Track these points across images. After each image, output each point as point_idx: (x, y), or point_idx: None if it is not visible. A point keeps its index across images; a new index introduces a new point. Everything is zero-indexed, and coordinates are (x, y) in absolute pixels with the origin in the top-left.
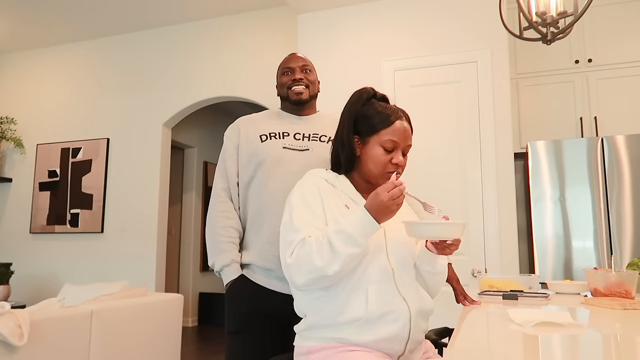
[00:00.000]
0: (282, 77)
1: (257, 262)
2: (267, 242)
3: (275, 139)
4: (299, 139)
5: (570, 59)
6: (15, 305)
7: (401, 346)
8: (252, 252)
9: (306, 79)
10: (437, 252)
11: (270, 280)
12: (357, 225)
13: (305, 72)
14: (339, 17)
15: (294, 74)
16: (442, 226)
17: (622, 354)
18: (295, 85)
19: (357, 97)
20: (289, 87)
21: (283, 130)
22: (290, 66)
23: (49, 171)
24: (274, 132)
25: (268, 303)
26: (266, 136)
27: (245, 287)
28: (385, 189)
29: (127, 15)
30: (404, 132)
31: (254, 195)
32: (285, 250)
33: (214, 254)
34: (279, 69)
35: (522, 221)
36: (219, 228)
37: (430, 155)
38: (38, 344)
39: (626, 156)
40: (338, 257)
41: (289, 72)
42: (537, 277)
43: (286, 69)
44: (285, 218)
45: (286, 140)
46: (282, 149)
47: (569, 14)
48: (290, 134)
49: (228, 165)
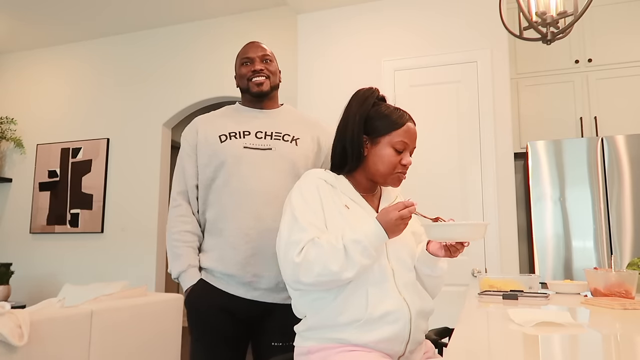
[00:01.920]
0: (241, 68)
1: (217, 267)
2: (230, 247)
3: (235, 139)
4: (261, 137)
5: (570, 59)
6: (15, 305)
7: (401, 346)
8: (212, 256)
9: (267, 70)
10: (445, 254)
11: (231, 286)
12: (372, 238)
13: (266, 62)
14: (339, 17)
15: (254, 65)
16: (467, 227)
17: (622, 354)
18: (255, 77)
19: (365, 98)
20: (249, 78)
21: (244, 129)
22: (249, 56)
23: (49, 171)
24: (234, 132)
25: (230, 307)
26: (226, 136)
27: (204, 291)
28: (396, 207)
29: (127, 15)
30: (414, 134)
31: (215, 197)
32: (291, 249)
33: (171, 259)
34: (238, 58)
35: (522, 221)
36: (175, 233)
37: (430, 155)
38: (38, 344)
39: (626, 156)
40: (353, 266)
41: (248, 63)
42: (537, 277)
43: (245, 59)
44: (288, 217)
45: (247, 139)
46: (242, 149)
47: (569, 14)
48: (251, 133)
49: (186, 168)
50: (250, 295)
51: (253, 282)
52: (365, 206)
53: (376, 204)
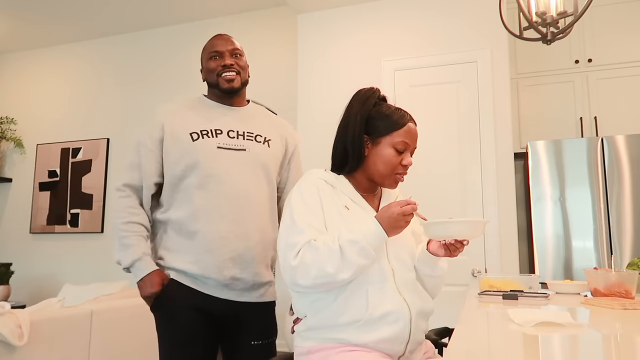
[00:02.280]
0: (209, 62)
1: (192, 269)
2: (205, 250)
3: (208, 138)
4: (233, 137)
5: (570, 59)
6: (15, 305)
7: (401, 347)
8: (186, 259)
9: (237, 65)
10: (445, 254)
11: (207, 286)
12: (370, 237)
13: (236, 57)
14: (339, 17)
15: (224, 59)
16: (466, 224)
17: (622, 354)
18: (225, 72)
19: (367, 98)
20: (219, 73)
21: (215, 126)
22: (218, 50)
23: (49, 171)
24: (205, 130)
25: (205, 307)
26: (197, 134)
27: (177, 291)
28: (398, 203)
29: (127, 15)
30: (415, 134)
31: (184, 197)
32: (288, 251)
33: (120, 249)
34: (204, 51)
35: (522, 221)
36: (124, 224)
37: (430, 155)
38: (38, 344)
39: (626, 156)
40: (350, 266)
41: (217, 57)
42: (537, 277)
43: (214, 53)
44: (286, 219)
45: (220, 138)
46: (216, 149)
47: (569, 14)
48: (223, 131)
49: (143, 164)
50: (226, 295)
51: (230, 284)
52: (365, 206)
53: (376, 204)
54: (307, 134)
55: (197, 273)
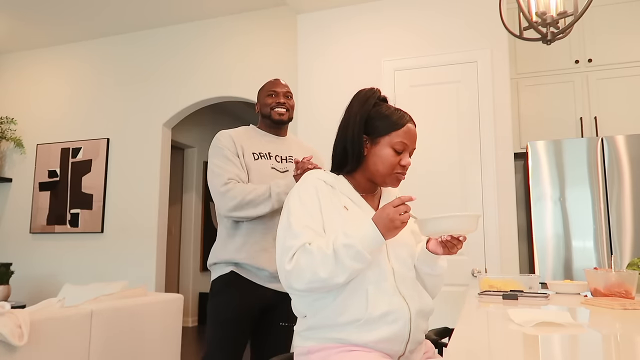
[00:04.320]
0: (266, 98)
1: (249, 261)
2: (261, 249)
3: (264, 159)
4: (279, 161)
5: (570, 59)
6: (15, 305)
7: (401, 346)
8: (243, 255)
9: (288, 104)
10: (443, 251)
11: (261, 279)
12: (366, 241)
13: (288, 98)
14: (339, 17)
15: (279, 97)
16: (458, 219)
17: (622, 354)
18: (278, 107)
19: (367, 98)
20: (272, 107)
21: (267, 150)
22: (276, 90)
23: (49, 171)
24: (262, 152)
25: (257, 298)
26: (257, 155)
27: (237, 280)
28: (391, 204)
29: (127, 15)
30: (414, 135)
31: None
32: (283, 255)
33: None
34: (264, 90)
35: (522, 221)
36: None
37: (430, 155)
38: (38, 344)
39: (626, 156)
40: (344, 271)
41: (273, 95)
42: (537, 277)
43: (272, 92)
44: (283, 222)
45: (272, 161)
46: (270, 169)
47: (569, 14)
48: (272, 155)
49: (234, 161)
50: (273, 286)
51: (277, 276)
52: (364, 207)
53: (376, 205)
54: (307, 134)
55: (255, 266)
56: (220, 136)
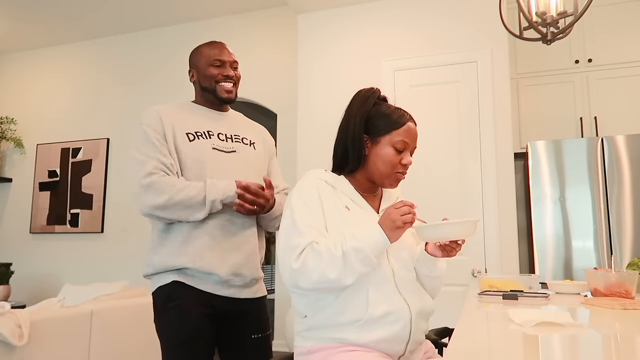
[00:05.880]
0: (210, 68)
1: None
2: (207, 247)
3: (202, 139)
4: (223, 140)
5: (570, 59)
6: (15, 305)
7: (402, 347)
8: (186, 259)
9: (235, 77)
10: (442, 254)
11: (213, 285)
12: (373, 244)
13: (235, 69)
14: (339, 17)
15: (225, 69)
16: (455, 226)
17: (622, 354)
18: (226, 82)
19: (366, 98)
20: (218, 81)
21: (206, 128)
22: (222, 59)
23: (49, 171)
24: (200, 131)
25: (211, 306)
26: (193, 135)
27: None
28: (394, 206)
29: (127, 15)
30: (415, 134)
31: None
32: (289, 254)
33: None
34: (204, 57)
35: (522, 221)
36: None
37: (430, 155)
38: (38, 344)
39: (626, 156)
40: (353, 273)
41: (219, 65)
42: (537, 277)
43: (217, 61)
44: (287, 220)
45: (213, 140)
46: (211, 150)
47: (569, 14)
48: (214, 134)
49: (160, 147)
50: (227, 292)
51: (230, 280)
52: (365, 207)
53: (377, 205)
54: (307, 134)
55: (201, 269)
56: (146, 114)
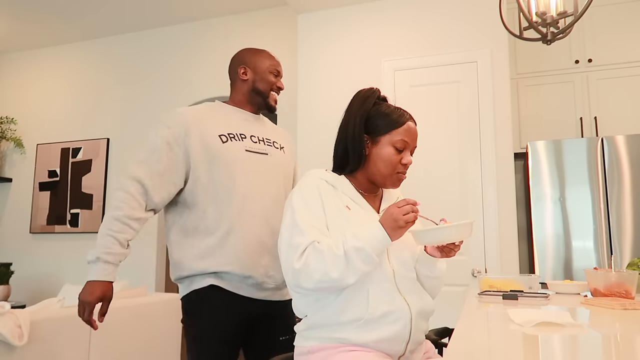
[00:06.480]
0: (270, 76)
1: (231, 269)
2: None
3: (235, 141)
4: (256, 142)
5: (570, 59)
6: (15, 305)
7: (402, 346)
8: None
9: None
10: (441, 255)
11: (243, 288)
12: (374, 242)
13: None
14: (339, 17)
15: (279, 82)
16: (449, 229)
17: (622, 354)
18: (277, 93)
19: (366, 97)
20: (273, 90)
21: (239, 131)
22: (280, 71)
23: (49, 171)
24: (232, 133)
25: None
26: (226, 137)
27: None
28: (396, 204)
29: (127, 15)
30: (415, 133)
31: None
32: (291, 253)
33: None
34: (265, 60)
35: (522, 221)
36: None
37: (430, 155)
38: (38, 344)
39: (626, 156)
40: (355, 273)
41: (277, 76)
42: (537, 277)
43: (276, 71)
44: (288, 220)
45: (246, 142)
46: (244, 152)
47: (569, 14)
48: (246, 136)
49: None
50: (261, 295)
51: (264, 282)
52: (366, 207)
53: (377, 205)
54: (307, 134)
55: (234, 272)
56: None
